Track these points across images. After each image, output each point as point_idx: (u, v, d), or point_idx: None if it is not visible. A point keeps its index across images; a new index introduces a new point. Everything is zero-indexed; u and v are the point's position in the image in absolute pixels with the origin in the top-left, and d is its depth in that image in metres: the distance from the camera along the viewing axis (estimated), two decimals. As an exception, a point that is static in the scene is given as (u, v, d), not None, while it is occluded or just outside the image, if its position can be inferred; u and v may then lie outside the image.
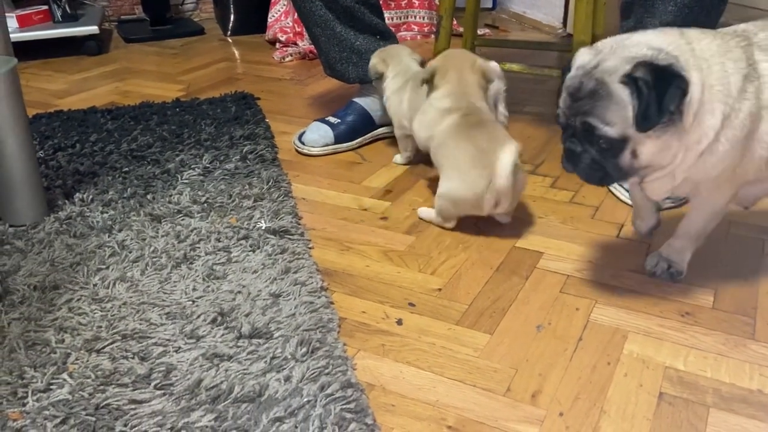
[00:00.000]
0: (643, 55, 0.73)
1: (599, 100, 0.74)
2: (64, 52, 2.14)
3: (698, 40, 0.77)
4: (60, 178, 1.23)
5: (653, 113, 0.71)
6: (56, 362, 0.77)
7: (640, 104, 0.71)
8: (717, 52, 0.76)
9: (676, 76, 0.72)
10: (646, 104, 0.71)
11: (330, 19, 1.32)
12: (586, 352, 0.80)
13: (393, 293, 0.91)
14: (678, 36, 0.77)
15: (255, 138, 1.40)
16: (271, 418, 0.68)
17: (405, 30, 2.31)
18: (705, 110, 0.75)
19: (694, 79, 0.73)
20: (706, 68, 0.75)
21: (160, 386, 0.73)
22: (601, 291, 0.91)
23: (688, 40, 0.76)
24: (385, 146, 1.40)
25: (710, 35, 0.78)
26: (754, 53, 0.77)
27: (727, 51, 0.76)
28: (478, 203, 0.99)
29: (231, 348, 0.79)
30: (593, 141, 0.76)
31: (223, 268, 0.95)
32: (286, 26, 2.16)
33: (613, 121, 0.74)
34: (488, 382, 0.75)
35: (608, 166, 0.77)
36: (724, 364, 0.77)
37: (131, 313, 0.85)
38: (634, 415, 0.70)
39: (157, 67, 2.02)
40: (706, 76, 0.74)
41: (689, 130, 0.75)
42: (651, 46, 0.74)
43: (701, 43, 0.76)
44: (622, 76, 0.73)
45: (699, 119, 0.75)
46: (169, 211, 1.11)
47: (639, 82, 0.71)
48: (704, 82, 0.74)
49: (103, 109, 1.60)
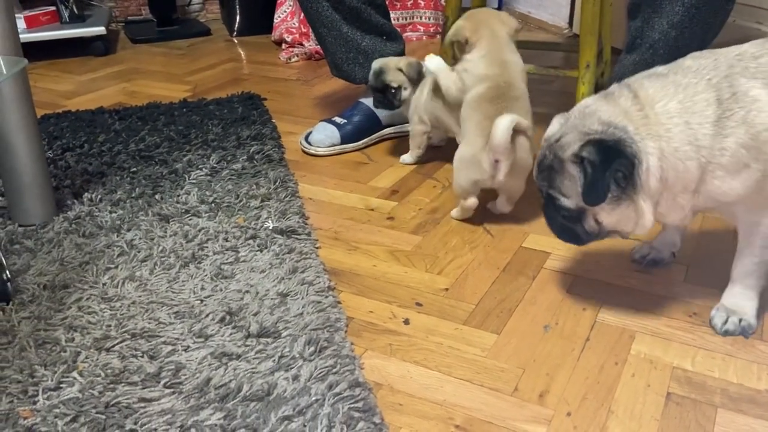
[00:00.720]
0: (594, 131, 0.74)
1: (556, 173, 0.78)
2: (72, 53, 2.15)
3: (654, 102, 0.74)
4: (69, 178, 1.24)
5: (598, 191, 0.73)
6: (66, 361, 0.77)
7: (585, 182, 0.74)
8: (677, 111, 0.73)
9: (621, 154, 0.72)
10: (591, 182, 0.74)
11: (336, 19, 1.32)
12: (594, 352, 0.80)
13: (400, 293, 0.92)
14: (631, 102, 0.75)
15: (262, 138, 1.41)
16: (279, 417, 0.69)
17: (411, 30, 2.31)
18: (674, 171, 0.73)
19: (648, 148, 0.73)
20: (665, 133, 0.73)
21: (170, 385, 0.74)
22: (608, 291, 0.91)
23: (641, 105, 0.75)
24: (391, 146, 1.40)
25: (671, 90, 0.75)
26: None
27: (690, 105, 0.73)
28: (477, 162, 1.00)
29: (239, 347, 0.79)
30: (558, 209, 0.80)
31: (231, 268, 0.95)
32: (292, 27, 2.17)
33: (569, 194, 0.77)
34: (496, 382, 0.75)
35: (577, 229, 0.81)
36: (732, 364, 0.77)
37: (140, 312, 0.86)
38: (642, 415, 0.70)
39: (164, 67, 2.03)
40: (666, 142, 0.73)
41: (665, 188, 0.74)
42: (601, 120, 0.75)
43: (657, 106, 0.74)
44: (571, 154, 0.75)
45: (669, 181, 0.74)
46: (177, 210, 1.11)
47: (585, 161, 0.74)
48: (663, 148, 0.73)
49: (111, 110, 1.61)
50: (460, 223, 1.09)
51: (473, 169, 1.01)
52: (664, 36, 1.09)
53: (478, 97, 1.05)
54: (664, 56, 1.10)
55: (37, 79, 1.92)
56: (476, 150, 1.00)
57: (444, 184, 1.23)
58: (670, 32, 1.08)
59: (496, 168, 0.99)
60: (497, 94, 1.04)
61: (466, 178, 1.03)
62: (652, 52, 1.11)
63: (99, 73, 1.98)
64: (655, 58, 1.11)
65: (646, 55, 1.12)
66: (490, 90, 1.04)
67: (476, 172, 1.01)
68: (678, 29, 1.07)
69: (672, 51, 1.10)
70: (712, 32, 1.10)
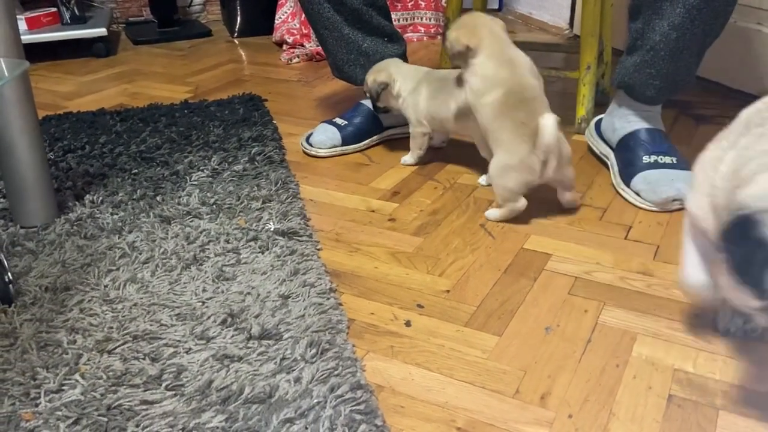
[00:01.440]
0: None
1: None
2: (73, 54, 2.15)
3: None
4: (70, 179, 1.24)
5: None
6: (68, 363, 0.77)
7: None
8: None
9: None
10: None
11: (338, 21, 1.32)
12: (595, 354, 0.80)
13: (401, 295, 0.92)
14: None
15: (263, 140, 1.41)
16: (281, 419, 0.69)
17: (411, 31, 2.31)
18: None
19: None
20: None
21: (171, 387, 0.74)
22: (609, 293, 0.91)
23: None
24: (392, 148, 1.40)
25: None
26: None
27: None
28: (526, 166, 1.04)
29: (241, 349, 0.79)
30: None
31: (232, 270, 0.95)
32: (293, 28, 2.17)
33: None
34: (497, 384, 0.75)
35: None
36: (733, 366, 0.77)
37: (142, 314, 0.86)
38: (644, 418, 0.70)
39: (165, 68, 2.03)
40: None
41: None
42: None
43: None
44: None
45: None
46: (178, 212, 1.11)
47: None
48: None
49: (112, 111, 1.61)
50: (462, 224, 1.09)
51: (525, 173, 1.05)
52: (665, 38, 1.09)
53: (499, 105, 1.07)
54: (665, 58, 1.11)
55: (38, 80, 1.92)
56: (523, 155, 1.04)
57: (445, 185, 1.23)
58: (671, 34, 1.08)
59: (545, 167, 1.04)
60: (518, 100, 1.06)
61: (517, 183, 1.06)
62: (653, 53, 1.11)
63: (100, 75, 1.98)
64: (656, 60, 1.12)
65: (647, 56, 1.12)
66: (507, 97, 1.06)
67: (528, 174, 1.05)
68: (679, 31, 1.07)
69: (673, 52, 1.10)
70: (713, 34, 1.10)
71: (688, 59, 1.11)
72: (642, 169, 1.14)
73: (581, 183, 1.21)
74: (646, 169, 1.14)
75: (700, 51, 1.12)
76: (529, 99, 1.06)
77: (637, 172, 1.14)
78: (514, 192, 1.07)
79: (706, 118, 1.51)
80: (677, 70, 1.12)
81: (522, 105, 1.05)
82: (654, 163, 1.14)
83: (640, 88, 1.16)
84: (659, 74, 1.13)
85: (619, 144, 1.22)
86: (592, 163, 1.30)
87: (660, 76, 1.13)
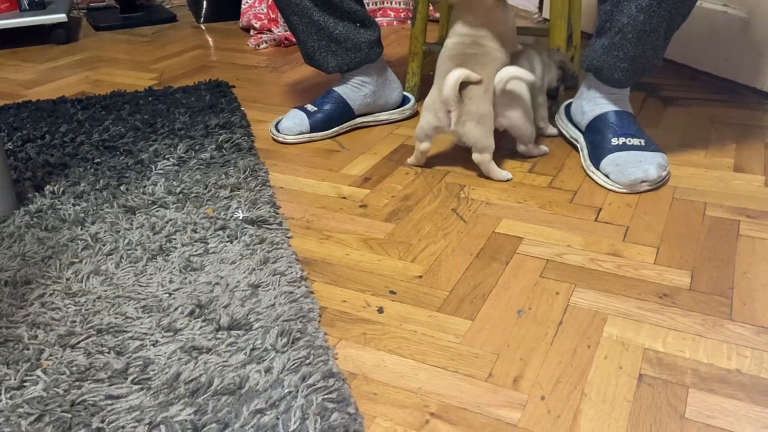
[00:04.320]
0: None
1: None
2: (32, 41, 2.08)
3: None
4: (29, 170, 1.20)
5: None
6: (29, 359, 0.75)
7: None
8: None
9: None
10: None
11: (307, 6, 1.29)
12: (567, 335, 0.80)
13: (374, 281, 0.91)
14: None
15: (230, 127, 1.38)
16: (252, 411, 0.68)
17: (381, 16, 2.29)
18: None
19: None
20: None
21: (138, 381, 0.72)
22: (580, 275, 0.91)
23: None
24: (363, 134, 1.39)
25: None
26: None
27: None
28: (434, 110, 1.14)
29: (210, 340, 0.78)
30: None
31: (200, 260, 0.93)
32: (260, 12, 2.13)
33: None
34: (470, 368, 0.75)
35: None
36: (702, 344, 0.78)
37: (106, 307, 0.84)
38: (615, 397, 0.71)
39: (129, 55, 1.98)
40: None
41: None
42: None
43: None
44: None
45: None
46: (143, 202, 1.09)
47: None
48: None
49: (73, 99, 1.56)
50: (434, 209, 1.09)
51: (432, 114, 1.15)
52: (633, 20, 1.09)
53: (445, 51, 1.18)
54: (632, 40, 1.11)
55: (-4, 68, 1.86)
56: (434, 98, 1.14)
57: (416, 171, 1.22)
58: (639, 16, 1.08)
59: (449, 117, 1.12)
60: (459, 52, 1.15)
61: (424, 120, 1.16)
62: (620, 36, 1.11)
63: (60, 62, 1.92)
64: (624, 42, 1.12)
65: (614, 39, 1.12)
66: (455, 47, 1.17)
67: (432, 118, 1.15)
68: (646, 13, 1.07)
69: (640, 35, 1.10)
70: (680, 17, 1.11)
71: (655, 42, 1.11)
72: (611, 152, 1.15)
73: (551, 166, 1.22)
74: (615, 152, 1.14)
75: (667, 33, 1.12)
76: (469, 55, 1.14)
77: (606, 154, 1.15)
78: (423, 130, 1.17)
79: (673, 100, 1.53)
80: (645, 52, 1.13)
81: (457, 57, 1.14)
82: (622, 145, 1.14)
83: (608, 71, 1.16)
84: (627, 57, 1.13)
85: (588, 127, 1.22)
86: (562, 146, 1.31)
87: (628, 58, 1.13)
